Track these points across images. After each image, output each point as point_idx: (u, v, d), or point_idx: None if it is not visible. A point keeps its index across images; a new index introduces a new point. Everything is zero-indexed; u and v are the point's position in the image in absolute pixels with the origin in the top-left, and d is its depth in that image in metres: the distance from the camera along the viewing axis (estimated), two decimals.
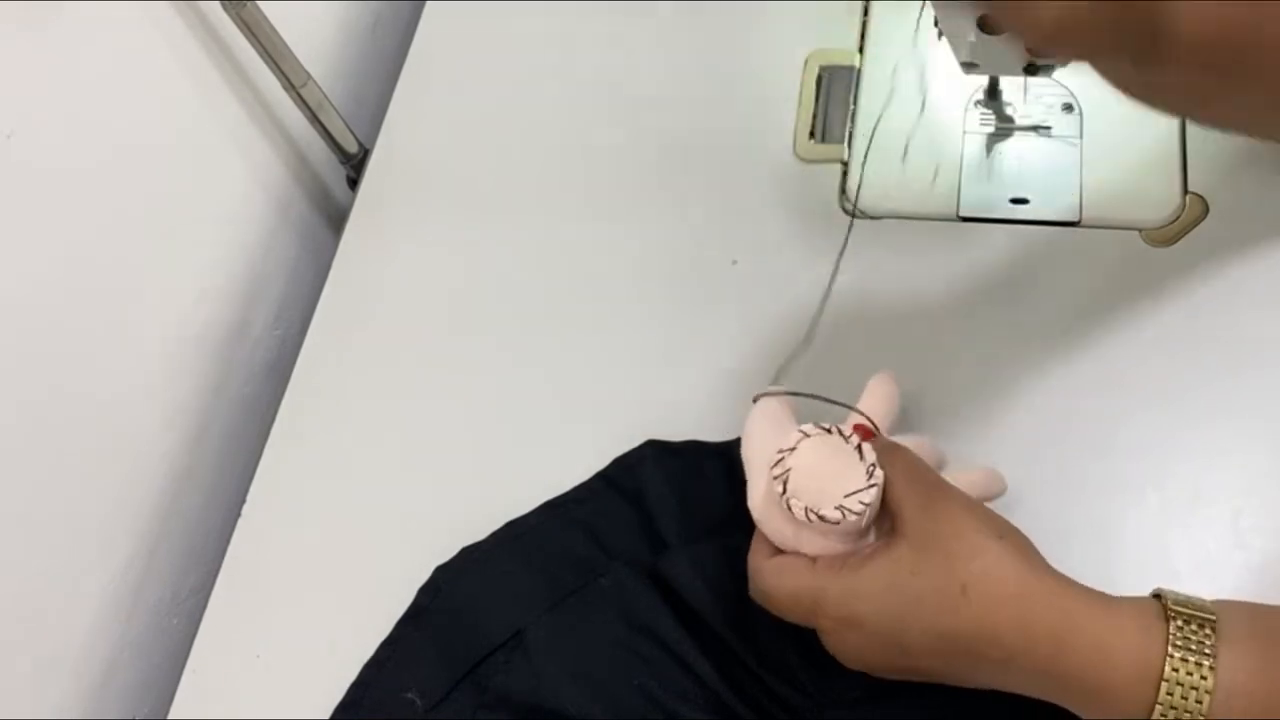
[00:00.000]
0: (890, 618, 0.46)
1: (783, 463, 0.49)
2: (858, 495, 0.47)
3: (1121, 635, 0.44)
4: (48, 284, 0.60)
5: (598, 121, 0.76)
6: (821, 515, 0.48)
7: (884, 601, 0.46)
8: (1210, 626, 0.43)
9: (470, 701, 0.57)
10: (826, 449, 0.49)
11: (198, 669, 0.63)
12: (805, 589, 0.48)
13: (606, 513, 0.62)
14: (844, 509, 0.47)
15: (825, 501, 0.48)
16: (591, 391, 0.67)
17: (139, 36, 0.66)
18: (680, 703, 0.55)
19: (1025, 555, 0.46)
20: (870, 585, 0.46)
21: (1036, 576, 0.45)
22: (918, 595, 0.45)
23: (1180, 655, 0.43)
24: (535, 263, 0.72)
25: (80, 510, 0.64)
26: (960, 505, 0.47)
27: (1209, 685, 0.42)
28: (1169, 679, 0.42)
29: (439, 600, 0.61)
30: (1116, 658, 0.44)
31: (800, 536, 0.49)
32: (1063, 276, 0.65)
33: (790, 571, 0.49)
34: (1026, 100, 0.70)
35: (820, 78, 0.75)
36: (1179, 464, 0.59)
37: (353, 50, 0.85)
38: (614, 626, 0.57)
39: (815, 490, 0.48)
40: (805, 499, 0.48)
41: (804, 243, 0.69)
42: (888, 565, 0.46)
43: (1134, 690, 0.43)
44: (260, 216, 0.77)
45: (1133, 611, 0.45)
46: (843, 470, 0.49)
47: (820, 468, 0.49)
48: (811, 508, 0.48)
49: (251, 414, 0.76)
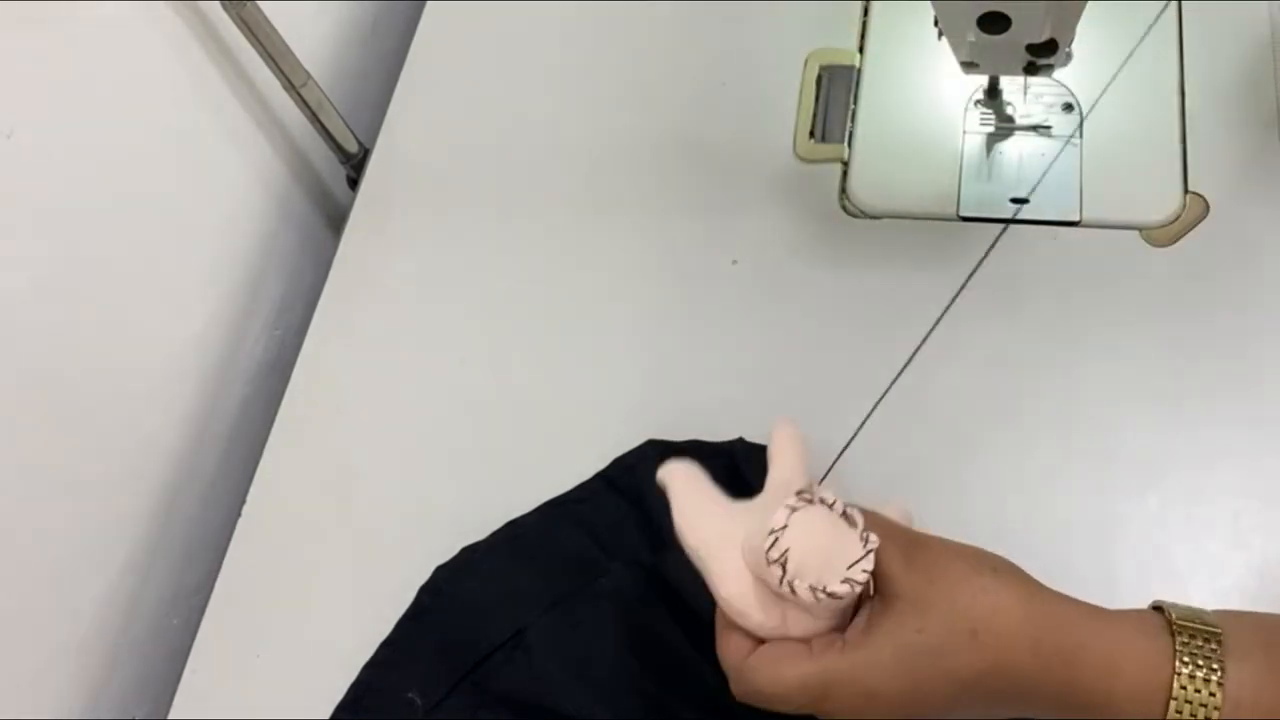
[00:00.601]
0: (906, 681, 0.44)
1: (777, 544, 0.44)
2: (859, 565, 0.44)
3: (1129, 649, 0.43)
4: (47, 284, 0.60)
5: (597, 121, 0.76)
6: (830, 592, 0.44)
7: (897, 667, 0.44)
8: (1216, 640, 0.43)
9: (470, 701, 0.57)
10: (818, 520, 0.45)
11: (198, 669, 0.63)
12: (812, 675, 0.44)
13: (606, 513, 0.62)
14: (850, 581, 0.44)
15: (831, 577, 0.44)
16: (591, 391, 0.67)
17: (139, 36, 0.66)
18: (680, 703, 0.55)
19: (1022, 582, 0.45)
20: (879, 654, 0.44)
21: (1039, 601, 0.45)
22: (930, 651, 0.44)
23: (1189, 671, 0.42)
24: (535, 262, 0.72)
25: (81, 510, 0.64)
26: (944, 552, 0.46)
27: (1218, 701, 0.42)
28: (1177, 696, 0.42)
29: (439, 600, 0.61)
30: (1126, 672, 0.43)
31: (788, 621, 0.46)
32: (1063, 276, 0.65)
33: (788, 660, 0.45)
34: (1026, 100, 0.70)
35: (820, 78, 0.75)
36: (1179, 464, 0.59)
37: (353, 50, 0.85)
38: (614, 626, 0.57)
39: (818, 567, 0.44)
40: (810, 578, 0.44)
41: (804, 243, 0.69)
42: (892, 630, 0.44)
43: (1143, 704, 0.43)
44: (260, 216, 0.77)
45: (1138, 624, 0.44)
46: (839, 540, 0.45)
47: (819, 542, 0.45)
48: (817, 586, 0.44)
49: (251, 414, 0.76)
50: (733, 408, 0.63)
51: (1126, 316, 0.64)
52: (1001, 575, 0.45)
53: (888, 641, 0.44)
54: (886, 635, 0.44)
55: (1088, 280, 0.65)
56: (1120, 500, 0.59)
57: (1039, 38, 0.56)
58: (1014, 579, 0.45)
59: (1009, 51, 0.58)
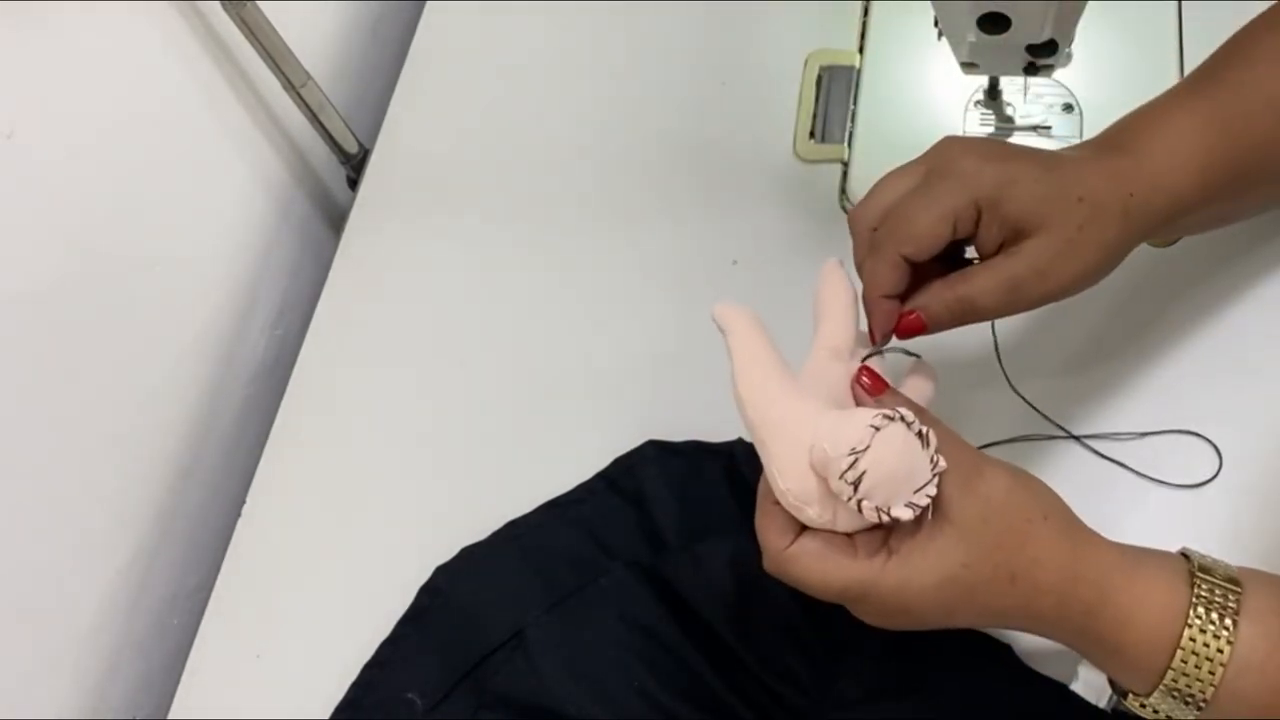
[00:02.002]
0: (941, 607, 0.46)
1: (856, 466, 0.44)
2: (924, 489, 0.45)
3: (1147, 601, 0.45)
4: (47, 284, 0.60)
5: (597, 121, 0.76)
6: (895, 516, 0.45)
7: (937, 594, 0.46)
8: (1235, 598, 0.44)
9: (470, 701, 0.57)
10: (898, 442, 0.45)
11: (198, 669, 0.63)
12: (854, 582, 0.46)
13: (606, 513, 0.62)
14: (913, 505, 0.45)
15: (897, 500, 0.45)
16: (591, 391, 0.67)
17: (139, 37, 0.66)
18: (680, 703, 0.55)
19: (1068, 533, 0.47)
20: (923, 579, 0.45)
21: (1076, 556, 0.46)
22: (969, 586, 0.45)
23: (1199, 627, 0.44)
24: (535, 263, 0.72)
25: (81, 510, 0.64)
26: (1001, 487, 0.46)
27: (1224, 658, 0.43)
28: (1184, 647, 0.44)
29: (439, 600, 0.61)
30: (1139, 623, 0.45)
31: (838, 517, 0.46)
32: None
33: (834, 560, 0.46)
34: (1026, 100, 0.70)
35: (820, 78, 0.75)
36: (1179, 464, 0.59)
37: (353, 50, 0.85)
38: (614, 626, 0.57)
39: (889, 491, 0.45)
40: (878, 499, 0.45)
41: (804, 243, 0.69)
42: (937, 559, 0.45)
43: (1151, 654, 0.45)
44: (261, 216, 0.77)
45: (1161, 577, 0.46)
46: (912, 463, 0.45)
47: (895, 466, 0.45)
48: (883, 507, 0.45)
49: (251, 414, 0.76)
50: (733, 408, 0.63)
51: (1126, 317, 0.64)
52: (1051, 522, 0.46)
53: (933, 570, 0.45)
54: (933, 564, 0.45)
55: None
56: (1120, 499, 0.59)
57: (1039, 38, 0.56)
58: (1060, 528, 0.47)
59: (1009, 52, 0.58)
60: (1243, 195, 0.54)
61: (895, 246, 0.48)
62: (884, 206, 0.49)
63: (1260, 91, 0.52)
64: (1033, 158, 0.50)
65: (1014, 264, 0.48)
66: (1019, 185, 0.48)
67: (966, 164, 0.49)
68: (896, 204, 0.49)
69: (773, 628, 0.56)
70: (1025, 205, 0.48)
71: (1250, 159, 0.52)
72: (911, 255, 0.48)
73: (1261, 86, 0.52)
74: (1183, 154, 0.51)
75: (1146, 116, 0.53)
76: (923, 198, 0.48)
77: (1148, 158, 0.51)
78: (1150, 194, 0.50)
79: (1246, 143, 0.52)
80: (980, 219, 0.49)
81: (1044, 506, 0.47)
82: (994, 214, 0.48)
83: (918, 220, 0.48)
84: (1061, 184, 0.49)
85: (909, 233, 0.48)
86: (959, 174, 0.48)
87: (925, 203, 0.48)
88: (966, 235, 0.49)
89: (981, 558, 0.45)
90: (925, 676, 0.55)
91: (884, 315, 0.50)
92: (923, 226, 0.48)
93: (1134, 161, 0.51)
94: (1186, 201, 0.51)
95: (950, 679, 0.55)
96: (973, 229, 0.49)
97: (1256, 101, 0.52)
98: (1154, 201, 0.50)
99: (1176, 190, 0.51)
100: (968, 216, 0.48)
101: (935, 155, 0.50)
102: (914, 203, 0.48)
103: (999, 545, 0.45)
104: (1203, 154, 0.51)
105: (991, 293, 0.49)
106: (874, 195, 0.51)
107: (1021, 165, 0.49)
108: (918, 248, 0.48)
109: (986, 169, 0.48)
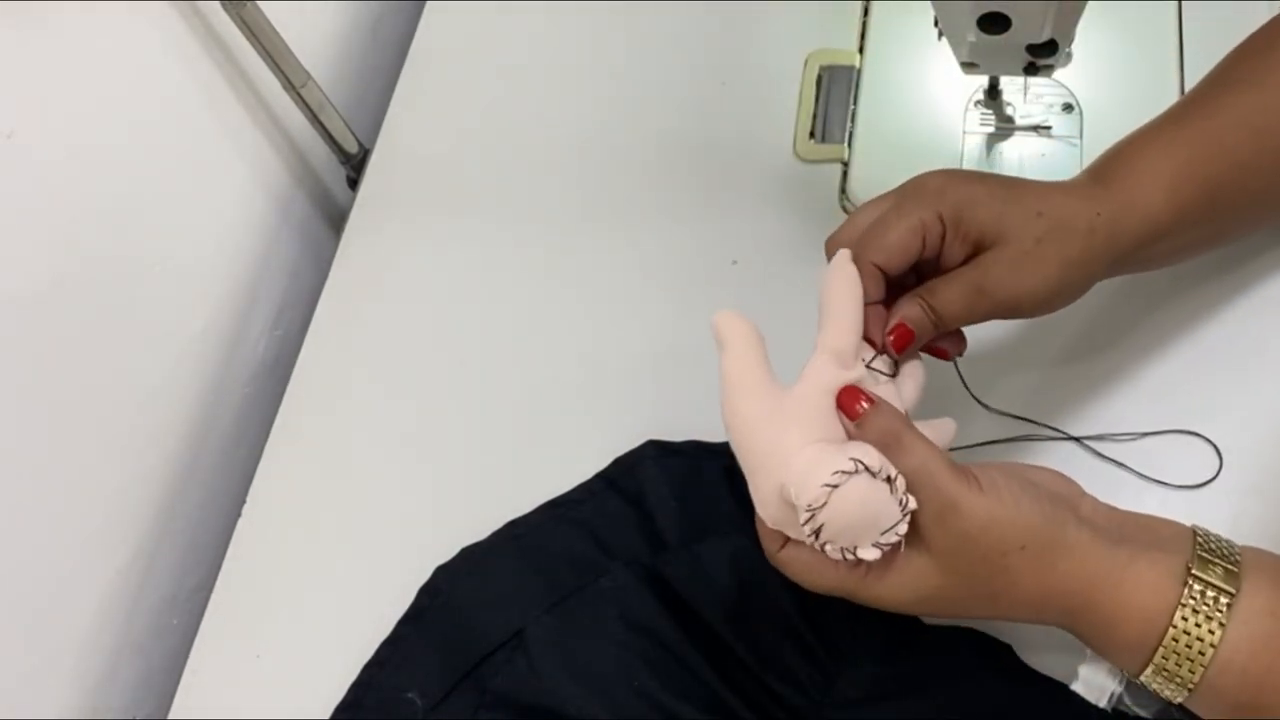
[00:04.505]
0: (922, 610, 0.49)
1: (814, 519, 0.45)
2: (894, 529, 0.46)
3: (1134, 601, 0.46)
4: (47, 284, 0.60)
5: (597, 121, 0.76)
6: (860, 556, 0.46)
7: (914, 608, 0.49)
8: (1228, 595, 0.45)
9: (470, 701, 0.57)
10: (858, 493, 0.45)
11: (198, 669, 0.63)
12: (838, 587, 0.49)
13: (606, 513, 0.62)
14: (880, 545, 0.46)
15: (864, 541, 0.46)
16: (591, 391, 0.67)
17: (139, 37, 0.66)
18: (680, 703, 0.55)
19: (1047, 557, 0.47)
20: (898, 595, 0.48)
21: (1058, 575, 0.47)
22: (948, 600, 0.48)
23: (1184, 626, 0.45)
24: (535, 263, 0.72)
25: (80, 510, 0.64)
26: (978, 523, 0.46)
27: (1205, 660, 0.44)
28: (1167, 645, 0.45)
29: (439, 600, 0.61)
30: (1125, 624, 0.46)
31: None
32: None
33: (817, 571, 0.49)
34: (1026, 100, 0.70)
35: (820, 78, 0.75)
36: (1179, 464, 0.59)
37: (353, 50, 0.85)
38: (614, 626, 0.57)
39: (853, 536, 0.46)
40: (842, 542, 0.46)
41: (804, 243, 0.69)
42: (913, 579, 0.47)
43: (1135, 652, 0.46)
44: (261, 217, 0.77)
45: (1150, 575, 0.46)
46: (876, 509, 0.45)
47: (855, 518, 0.45)
48: (848, 548, 0.46)
49: (251, 414, 0.76)
50: None
51: (1126, 317, 0.64)
52: (1028, 552, 0.46)
53: (907, 588, 0.48)
54: (908, 583, 0.48)
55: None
56: (1119, 500, 0.58)
57: (1039, 38, 0.56)
58: (1038, 553, 0.47)
59: (1009, 52, 0.58)
60: (1219, 217, 0.55)
61: (869, 256, 0.51)
62: (859, 228, 0.52)
63: (1235, 112, 0.54)
64: (999, 179, 0.53)
65: (972, 274, 0.51)
66: (980, 201, 0.51)
67: (934, 183, 0.52)
68: (872, 222, 0.52)
69: (773, 628, 0.56)
70: (984, 218, 0.50)
71: (1224, 178, 0.53)
72: (883, 264, 0.51)
73: (1236, 107, 0.54)
74: (1152, 173, 0.53)
75: (1124, 146, 0.55)
76: (893, 212, 0.51)
77: (1120, 180, 0.53)
78: (1120, 212, 0.52)
79: (1220, 162, 0.53)
80: (945, 234, 0.51)
81: (1022, 536, 0.46)
82: (957, 229, 0.51)
83: (888, 232, 0.51)
84: (1021, 200, 0.51)
85: (880, 244, 0.50)
86: (927, 192, 0.51)
87: (895, 216, 0.51)
88: (935, 251, 0.51)
89: (956, 584, 0.47)
90: (925, 677, 0.55)
91: (872, 321, 0.51)
92: (892, 238, 0.50)
93: (1106, 185, 0.53)
94: (1158, 220, 0.52)
95: (950, 679, 0.55)
96: (939, 244, 0.51)
97: (1229, 121, 0.54)
98: (1124, 220, 0.52)
99: (1147, 208, 0.52)
100: (935, 231, 0.51)
101: (908, 183, 0.53)
102: (886, 217, 0.51)
103: (973, 575, 0.47)
104: (1171, 172, 0.52)
105: (954, 302, 0.51)
106: (850, 220, 0.53)
107: (987, 185, 0.52)
108: (888, 256, 0.50)
109: (952, 187, 0.51)
